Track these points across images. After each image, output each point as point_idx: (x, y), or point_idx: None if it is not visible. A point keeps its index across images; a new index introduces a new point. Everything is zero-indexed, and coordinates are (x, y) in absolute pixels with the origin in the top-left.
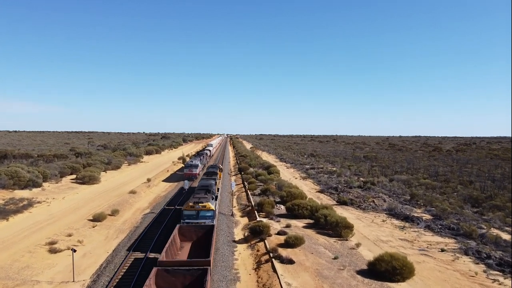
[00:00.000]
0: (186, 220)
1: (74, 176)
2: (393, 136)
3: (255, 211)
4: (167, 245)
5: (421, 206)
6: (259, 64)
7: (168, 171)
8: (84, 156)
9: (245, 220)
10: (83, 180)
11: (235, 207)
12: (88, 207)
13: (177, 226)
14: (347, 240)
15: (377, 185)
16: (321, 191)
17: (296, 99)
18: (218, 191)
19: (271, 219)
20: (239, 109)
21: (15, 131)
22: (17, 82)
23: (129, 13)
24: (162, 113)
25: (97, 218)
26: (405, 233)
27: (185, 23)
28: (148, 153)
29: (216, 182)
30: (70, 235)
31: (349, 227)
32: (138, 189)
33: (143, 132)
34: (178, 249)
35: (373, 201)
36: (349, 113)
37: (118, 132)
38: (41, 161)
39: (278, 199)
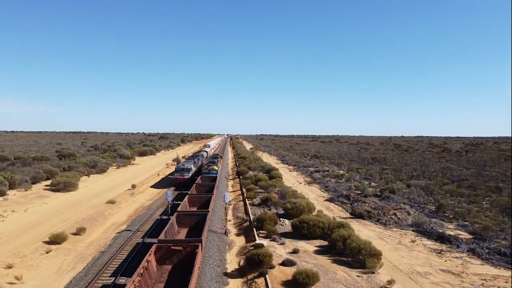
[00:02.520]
0: (204, 175)
1: (49, 182)
2: (395, 136)
3: (254, 229)
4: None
5: (451, 220)
6: (259, 64)
7: (158, 174)
8: (68, 159)
9: (241, 241)
10: (57, 187)
11: (230, 221)
12: (52, 222)
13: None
14: (374, 272)
15: (397, 193)
16: (330, 200)
17: (297, 99)
18: (219, 168)
19: (274, 240)
20: (239, 109)
21: (12, 132)
22: (18, 83)
23: (130, 11)
24: (162, 113)
25: (55, 240)
26: (446, 261)
27: (185, 22)
28: (142, 154)
29: (218, 161)
30: (10, 267)
31: (376, 255)
32: (120, 197)
33: (143, 133)
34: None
35: (395, 214)
36: (349, 113)
37: (117, 133)
38: (18, 164)
39: (281, 211)
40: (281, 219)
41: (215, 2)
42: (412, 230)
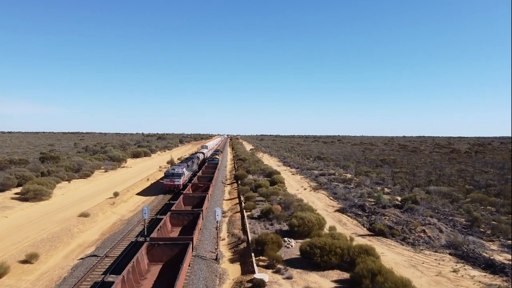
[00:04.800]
0: (209, 162)
1: (20, 189)
2: (397, 136)
3: (253, 254)
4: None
5: (491, 237)
6: (259, 64)
7: (148, 179)
8: (51, 162)
9: (236, 270)
10: (27, 196)
11: (223, 239)
12: (2, 244)
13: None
14: None
15: (421, 204)
16: (341, 210)
17: (297, 99)
18: (220, 158)
19: (278, 271)
20: (240, 110)
21: (9, 132)
22: (20, 83)
23: (128, 11)
24: (162, 113)
25: None
26: None
27: (185, 21)
28: (136, 156)
29: (219, 154)
30: None
31: None
32: (97, 208)
33: (142, 133)
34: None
35: (424, 231)
36: (350, 113)
37: (116, 133)
38: None
39: (285, 226)
40: (286, 238)
41: (214, 2)
42: (450, 254)
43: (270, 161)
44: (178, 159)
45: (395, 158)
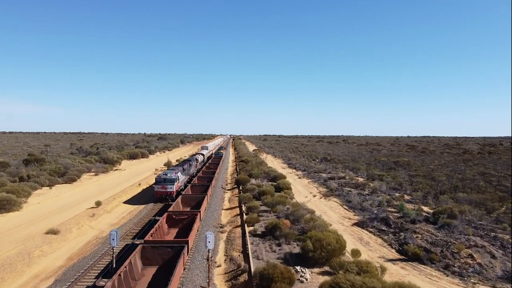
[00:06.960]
0: (216, 155)
1: None
2: (402, 136)
3: None
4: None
5: None
6: (260, 64)
7: (140, 184)
8: (34, 164)
9: None
10: None
11: (219, 266)
12: None
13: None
14: None
15: (459, 218)
16: (360, 225)
17: (297, 99)
18: (223, 153)
19: None
20: (242, 110)
21: (10, 132)
22: (20, 83)
23: (129, 11)
24: (164, 113)
25: None
26: None
27: (185, 21)
28: (132, 157)
29: (223, 150)
30: None
31: None
32: (72, 221)
33: (144, 133)
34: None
35: (471, 256)
36: (350, 113)
37: (117, 133)
38: None
39: (295, 247)
40: (298, 268)
41: (214, 2)
42: None
43: (274, 163)
44: (177, 160)
45: (409, 160)
